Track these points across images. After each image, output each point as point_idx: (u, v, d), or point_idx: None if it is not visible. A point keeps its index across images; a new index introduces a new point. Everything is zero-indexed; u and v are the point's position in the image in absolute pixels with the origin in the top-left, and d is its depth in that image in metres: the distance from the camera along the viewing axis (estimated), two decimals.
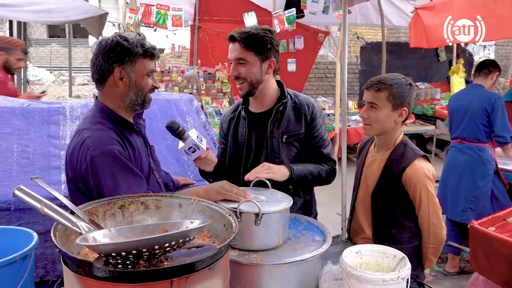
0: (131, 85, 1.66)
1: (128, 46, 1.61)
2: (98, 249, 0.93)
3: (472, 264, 2.16)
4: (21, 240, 1.40)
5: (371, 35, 12.00)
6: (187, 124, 2.70)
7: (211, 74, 6.67)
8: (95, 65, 1.65)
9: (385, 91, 1.88)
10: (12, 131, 2.33)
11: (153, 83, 1.71)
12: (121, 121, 1.69)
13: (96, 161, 1.52)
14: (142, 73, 1.66)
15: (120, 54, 1.61)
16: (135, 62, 1.64)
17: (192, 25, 7.05)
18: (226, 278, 1.12)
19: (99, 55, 1.64)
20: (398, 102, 1.88)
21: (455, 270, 3.79)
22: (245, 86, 1.97)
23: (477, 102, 3.65)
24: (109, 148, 1.54)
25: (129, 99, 1.67)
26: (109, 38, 1.65)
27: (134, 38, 1.65)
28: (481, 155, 3.58)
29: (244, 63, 1.94)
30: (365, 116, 1.95)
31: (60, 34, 21.64)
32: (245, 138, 2.06)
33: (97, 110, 1.69)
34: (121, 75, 1.63)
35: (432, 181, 1.87)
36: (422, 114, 7.38)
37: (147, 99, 1.72)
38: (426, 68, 9.29)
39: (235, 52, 1.94)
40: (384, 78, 1.92)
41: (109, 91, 1.67)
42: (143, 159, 1.71)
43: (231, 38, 1.94)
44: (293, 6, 6.11)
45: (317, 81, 10.29)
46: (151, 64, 1.70)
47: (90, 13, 5.56)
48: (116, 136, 1.60)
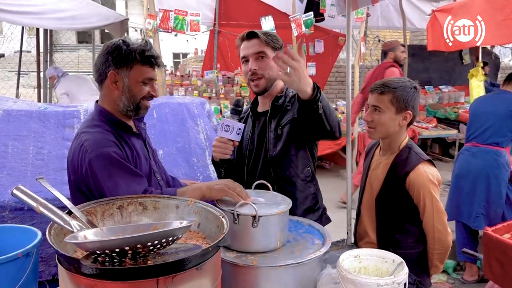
0: (124, 90, 1.66)
1: (126, 51, 1.62)
2: (85, 246, 0.96)
3: (486, 271, 2.11)
4: (26, 238, 1.45)
5: (394, 38, 11.85)
6: (197, 127, 2.74)
7: (230, 78, 6.73)
8: (96, 65, 1.68)
9: (389, 94, 1.87)
10: (29, 133, 2.42)
11: (150, 91, 1.69)
12: (119, 124, 1.71)
13: (94, 164, 1.55)
14: (137, 80, 1.66)
15: (117, 58, 1.63)
16: (130, 68, 1.64)
17: (211, 30, 7.12)
18: (216, 279, 1.13)
19: (100, 56, 1.67)
20: (402, 105, 1.86)
21: (474, 278, 3.69)
22: (262, 82, 1.98)
23: (504, 106, 3.57)
24: (106, 151, 1.56)
25: (122, 103, 1.68)
26: (113, 41, 1.67)
27: (136, 44, 1.66)
28: (498, 159, 3.48)
29: (264, 57, 1.96)
30: (368, 119, 1.94)
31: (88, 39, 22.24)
32: (249, 137, 2.09)
33: (96, 113, 1.72)
34: (115, 78, 1.65)
35: (436, 186, 1.84)
36: (445, 118, 7.20)
37: (141, 106, 1.70)
38: (449, 71, 9.08)
39: (254, 47, 1.96)
40: (388, 81, 1.91)
41: (106, 93, 1.70)
42: (143, 161, 1.73)
43: (249, 35, 1.97)
44: (312, 9, 6.11)
45: (338, 85, 10.21)
46: (150, 72, 1.68)
47: (112, 19, 5.71)
48: (114, 138, 1.63)
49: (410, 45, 8.03)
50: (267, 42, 1.95)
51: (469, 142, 3.72)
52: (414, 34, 10.42)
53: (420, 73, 8.18)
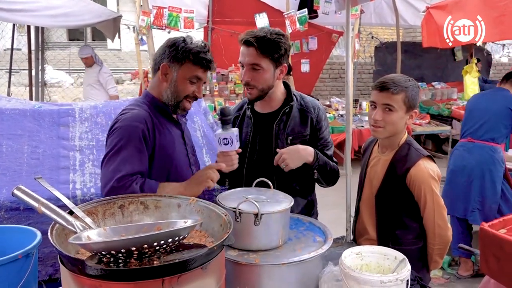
0: (171, 83, 1.77)
1: (183, 48, 1.73)
2: (89, 247, 0.95)
3: (482, 266, 2.12)
4: (25, 239, 1.43)
5: (387, 35, 11.88)
6: (194, 125, 2.72)
7: (224, 75, 6.70)
8: (154, 55, 1.83)
9: (402, 93, 1.82)
10: (23, 132, 2.38)
11: (195, 91, 1.79)
12: (161, 108, 1.81)
13: (116, 132, 1.67)
14: (185, 76, 1.76)
15: (172, 52, 1.74)
16: (182, 64, 1.74)
17: (205, 27, 7.08)
18: (221, 278, 1.12)
19: (160, 48, 1.80)
20: (411, 104, 1.85)
21: (469, 273, 3.72)
22: (255, 92, 1.96)
23: (502, 102, 3.60)
24: (133, 124, 1.67)
25: (166, 95, 1.79)
26: (175, 37, 1.79)
27: (194, 44, 1.76)
28: (493, 155, 3.51)
29: (258, 69, 1.91)
30: (379, 118, 1.85)
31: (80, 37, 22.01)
32: (249, 138, 2.06)
33: (142, 97, 1.86)
34: (166, 71, 1.76)
35: (437, 182, 1.84)
36: (438, 114, 7.25)
37: (181, 105, 1.80)
38: (442, 68, 9.13)
39: (249, 57, 1.90)
40: (397, 79, 1.85)
41: (156, 83, 1.82)
42: (177, 148, 1.82)
43: (246, 42, 1.90)
44: (306, 6, 6.09)
45: (331, 81, 10.23)
46: (200, 72, 1.77)
47: (104, 16, 5.65)
48: (147, 116, 1.72)
49: (403, 42, 8.05)
50: (264, 53, 1.88)
51: (464, 138, 3.75)
52: (407, 31, 10.45)
53: (413, 70, 8.22)
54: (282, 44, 1.91)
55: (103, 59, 7.23)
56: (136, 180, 1.60)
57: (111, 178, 1.60)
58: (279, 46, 1.90)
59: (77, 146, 2.46)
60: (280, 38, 1.91)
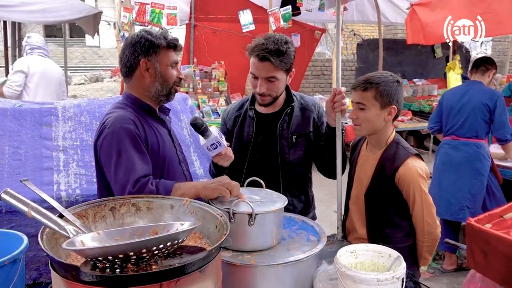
0: (157, 76, 1.75)
1: (152, 38, 1.72)
2: (84, 253, 0.91)
3: (469, 261, 2.15)
4: (11, 244, 1.38)
5: (368, 32, 11.98)
6: (181, 123, 2.68)
7: (207, 72, 6.64)
8: (122, 59, 1.77)
9: (372, 90, 1.85)
10: (3, 132, 2.31)
11: (177, 74, 1.80)
12: (144, 107, 1.79)
13: (109, 137, 1.63)
14: (167, 64, 1.76)
15: (145, 46, 1.72)
16: (159, 53, 1.74)
17: (187, 24, 7.00)
18: (218, 280, 1.10)
19: (126, 49, 1.75)
20: (386, 101, 1.86)
21: (453, 267, 3.78)
22: (268, 99, 2.02)
23: (477, 97, 3.60)
24: (124, 126, 1.64)
25: (155, 89, 1.77)
26: (135, 34, 1.78)
27: (157, 32, 1.77)
28: (479, 151, 3.54)
29: (274, 81, 1.96)
30: (354, 117, 1.92)
31: (57, 33, 21.52)
32: (251, 137, 2.09)
33: (123, 98, 1.82)
34: (147, 66, 1.74)
35: (425, 180, 1.85)
36: (419, 110, 7.35)
37: (172, 91, 1.81)
38: (423, 65, 9.26)
39: (265, 71, 1.93)
40: (370, 77, 1.88)
41: (136, 83, 1.78)
42: (167, 146, 1.80)
43: (263, 58, 1.90)
44: (289, 3, 6.07)
45: (314, 78, 10.26)
46: (175, 55, 1.80)
47: (84, 12, 5.53)
48: (134, 117, 1.69)
49: (384, 39, 8.12)
50: (279, 66, 1.92)
51: (449, 136, 3.75)
52: (388, 28, 10.57)
53: (394, 67, 8.30)
54: (292, 52, 1.97)
55: (82, 57, 7.08)
56: (150, 181, 1.56)
57: (125, 183, 1.54)
58: (290, 56, 1.96)
59: (61, 146, 2.40)
60: (289, 47, 1.95)
